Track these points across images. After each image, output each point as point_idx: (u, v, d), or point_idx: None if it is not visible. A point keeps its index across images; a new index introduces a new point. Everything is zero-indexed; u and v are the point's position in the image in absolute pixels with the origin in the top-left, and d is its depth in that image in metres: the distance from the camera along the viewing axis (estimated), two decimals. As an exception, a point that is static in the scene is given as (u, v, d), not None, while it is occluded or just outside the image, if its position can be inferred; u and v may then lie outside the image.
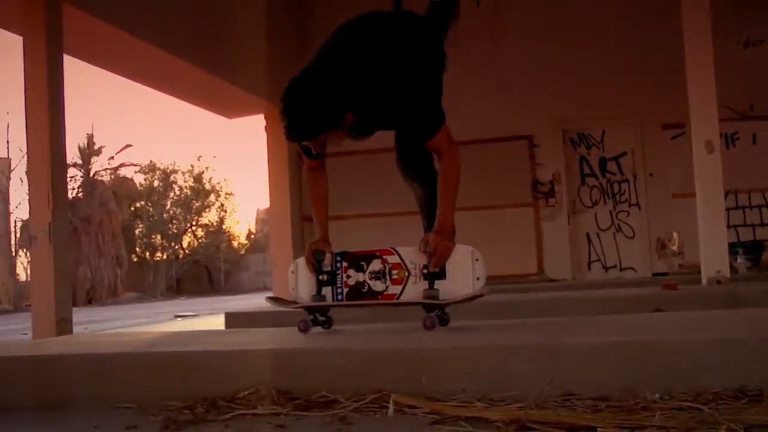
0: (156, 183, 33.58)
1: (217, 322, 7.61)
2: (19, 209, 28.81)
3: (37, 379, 2.78)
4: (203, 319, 10.03)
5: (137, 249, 33.27)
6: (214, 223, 35.35)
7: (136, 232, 33.56)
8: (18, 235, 27.06)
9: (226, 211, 35.61)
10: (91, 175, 30.14)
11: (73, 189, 28.44)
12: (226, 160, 76.39)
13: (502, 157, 9.08)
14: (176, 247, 34.02)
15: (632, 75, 8.64)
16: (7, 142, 40.41)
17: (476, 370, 2.30)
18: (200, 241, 35.00)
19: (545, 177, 9.07)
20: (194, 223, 34.85)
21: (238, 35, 8.12)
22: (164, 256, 33.47)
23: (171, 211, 33.91)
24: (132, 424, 2.26)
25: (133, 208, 33.25)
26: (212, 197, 34.72)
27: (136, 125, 70.19)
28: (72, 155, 28.89)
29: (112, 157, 31.74)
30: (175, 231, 33.94)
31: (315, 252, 3.16)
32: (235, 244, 36.78)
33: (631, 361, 2.25)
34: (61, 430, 2.39)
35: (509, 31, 9.07)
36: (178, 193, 34.06)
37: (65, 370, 2.75)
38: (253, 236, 38.38)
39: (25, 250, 27.48)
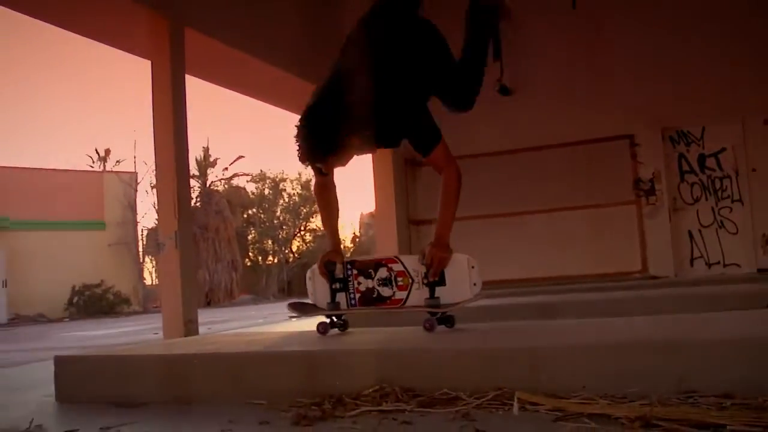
0: (266, 191, 34.30)
1: (330, 322, 7.70)
2: (145, 218, 29.89)
3: (173, 377, 2.86)
4: (316, 319, 10.15)
5: (250, 254, 34.04)
6: (322, 228, 35.88)
7: (249, 237, 34.35)
8: (144, 243, 28.08)
9: (332, 216, 36.02)
10: (207, 185, 31.06)
11: (192, 199, 29.31)
12: (331, 168, 77.03)
13: (603, 156, 8.83)
14: (286, 251, 34.65)
15: (732, 71, 8.26)
16: (134, 157, 42.57)
17: (596, 367, 2.23)
18: (308, 245, 35.54)
19: (646, 175, 8.79)
20: (302, 228, 35.43)
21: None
22: (275, 260, 34.14)
23: (281, 218, 34.56)
24: (264, 419, 2.29)
25: (245, 216, 34.05)
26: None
27: (247, 137, 71.87)
28: (191, 167, 29.77)
29: (226, 168, 32.70)
30: (285, 236, 34.56)
31: (327, 263, 3.32)
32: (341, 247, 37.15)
33: (755, 357, 2.13)
34: (197, 424, 2.44)
35: (606, 32, 8.82)
36: (287, 200, 34.69)
37: (199, 368, 2.81)
38: (357, 239, 38.70)
39: (151, 256, 28.56)
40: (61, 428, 2.52)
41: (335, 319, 3.37)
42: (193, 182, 29.70)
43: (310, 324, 6.99)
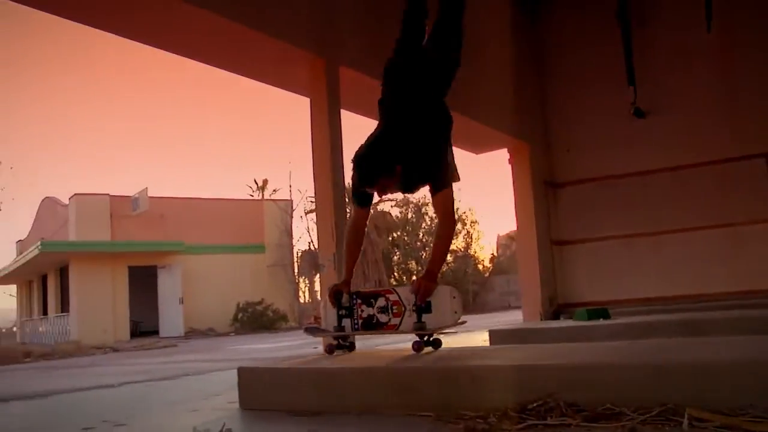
0: (410, 215, 34.56)
1: (478, 339, 7.63)
2: (300, 242, 30.73)
3: (343, 388, 2.92)
4: (463, 335, 10.08)
5: (395, 274, 34.32)
6: (462, 249, 35.67)
7: (394, 258, 34.65)
8: (299, 264, 28.90)
9: (471, 238, 35.83)
10: (356, 210, 31.59)
11: (343, 223, 29.82)
12: (470, 191, 76.94)
13: (740, 175, 8.31)
14: (428, 271, 34.72)
15: None
16: (290, 185, 44.83)
17: (765, 385, 2.09)
18: (449, 265, 35.43)
19: (786, 191, 8.20)
20: (444, 249, 35.38)
21: (485, 79, 8.19)
22: (419, 280, 34.28)
23: (423, 239, 34.65)
24: (434, 430, 2.29)
25: (391, 238, 34.40)
26: (459, 226, 35.07)
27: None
28: (339, 195, 30.34)
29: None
30: (427, 257, 34.66)
31: (335, 293, 3.70)
32: (480, 267, 36.82)
33: None
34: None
35: (740, 50, 8.31)
36: (429, 223, 34.75)
37: (369, 380, 2.85)
38: (495, 260, 38.26)
39: (304, 276, 29.36)
40: (248, 433, 2.62)
41: (341, 341, 3.73)
42: (343, 208, 30.27)
43: (472, 340, 7.00)
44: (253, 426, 2.79)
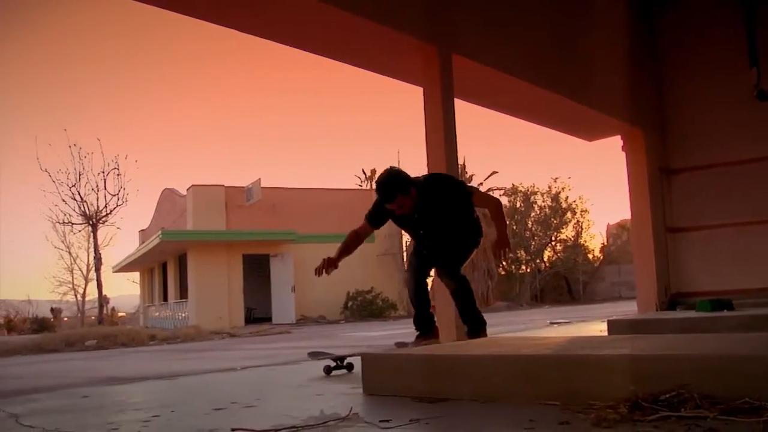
0: (518, 204, 34.11)
1: (594, 329, 7.48)
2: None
3: (469, 375, 2.93)
4: (577, 325, 9.90)
5: (503, 262, 34.02)
6: (571, 238, 34.95)
7: (503, 247, 34.30)
8: (408, 253, 29.05)
9: (582, 227, 35.04)
10: (464, 199, 31.43)
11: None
12: (579, 180, 75.34)
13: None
14: (538, 261, 34.21)
15: None
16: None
17: None
18: (559, 255, 34.82)
19: None
20: (553, 238, 34.77)
21: (598, 65, 8.00)
22: (527, 269, 33.82)
23: (532, 229, 34.16)
24: (563, 420, 2.27)
25: (499, 227, 34.06)
26: (569, 215, 34.39)
27: (500, 153, 72.40)
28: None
29: (481, 183, 32.96)
30: (536, 246, 34.13)
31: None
32: (590, 256, 35.95)
33: None
34: (500, 421, 2.47)
35: None
36: (537, 212, 34.21)
37: (495, 368, 2.85)
38: (605, 249, 37.25)
39: (413, 265, 29.45)
40: (373, 418, 2.66)
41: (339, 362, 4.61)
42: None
43: (588, 330, 6.85)
44: (377, 411, 2.84)
